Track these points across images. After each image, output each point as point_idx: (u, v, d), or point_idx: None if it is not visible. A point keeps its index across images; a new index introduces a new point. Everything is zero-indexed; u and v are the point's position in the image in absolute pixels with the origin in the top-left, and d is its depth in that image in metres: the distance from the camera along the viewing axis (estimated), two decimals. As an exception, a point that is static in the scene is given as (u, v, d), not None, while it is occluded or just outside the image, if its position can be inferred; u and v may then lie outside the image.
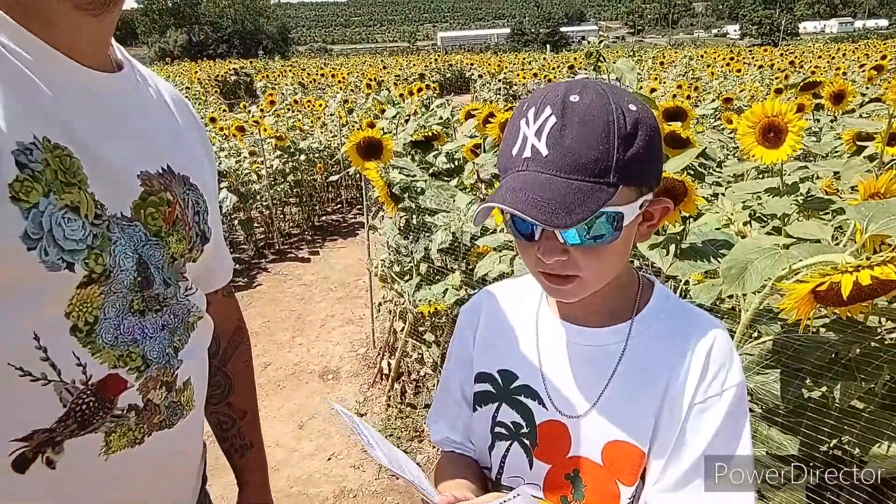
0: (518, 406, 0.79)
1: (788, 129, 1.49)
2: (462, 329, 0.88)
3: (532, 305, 0.83)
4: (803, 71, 9.77)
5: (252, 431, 1.03)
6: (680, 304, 0.78)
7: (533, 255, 0.67)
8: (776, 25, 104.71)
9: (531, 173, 0.62)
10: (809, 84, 3.75)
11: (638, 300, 0.76)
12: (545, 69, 16.76)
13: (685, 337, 0.72)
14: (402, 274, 2.81)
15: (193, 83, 17.21)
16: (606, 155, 0.60)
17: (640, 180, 0.64)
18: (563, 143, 0.60)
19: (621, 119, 0.61)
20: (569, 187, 0.60)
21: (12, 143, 0.53)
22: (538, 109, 0.63)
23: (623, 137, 0.60)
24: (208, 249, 0.80)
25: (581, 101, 0.61)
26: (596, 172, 0.60)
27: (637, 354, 0.73)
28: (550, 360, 0.78)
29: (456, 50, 62.62)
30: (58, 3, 0.58)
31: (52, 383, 0.58)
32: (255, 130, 5.97)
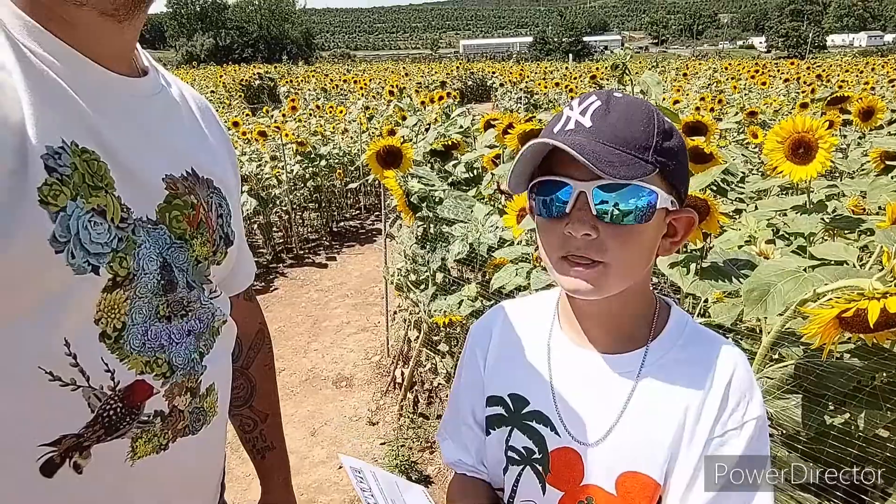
0: (530, 432, 0.77)
1: (819, 145, 1.46)
2: (472, 350, 0.87)
3: (544, 328, 0.81)
4: (830, 85, 9.61)
5: (274, 433, 1.04)
6: (698, 329, 0.76)
7: (558, 234, 0.66)
8: (803, 38, 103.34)
9: (575, 138, 0.62)
10: (837, 99, 3.67)
11: (654, 324, 0.73)
12: (567, 79, 16.72)
13: (704, 366, 0.70)
14: (417, 283, 2.80)
15: (218, 87, 17.47)
16: (647, 136, 0.62)
17: (672, 178, 0.66)
18: (606, 119, 0.63)
19: (661, 120, 0.64)
20: (611, 153, 0.61)
21: (42, 147, 0.54)
22: (582, 98, 0.66)
23: (662, 130, 0.64)
24: (232, 252, 0.81)
25: (624, 97, 0.65)
26: (637, 148, 0.62)
27: (653, 382, 0.71)
28: (563, 385, 0.75)
29: (478, 58, 62.80)
30: (83, 10, 0.59)
31: (81, 389, 0.59)
32: (276, 135, 6.03)
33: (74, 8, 0.59)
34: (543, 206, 0.67)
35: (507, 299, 0.93)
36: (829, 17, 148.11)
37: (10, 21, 0.56)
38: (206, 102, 0.87)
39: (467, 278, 2.74)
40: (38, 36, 0.58)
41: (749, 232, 1.84)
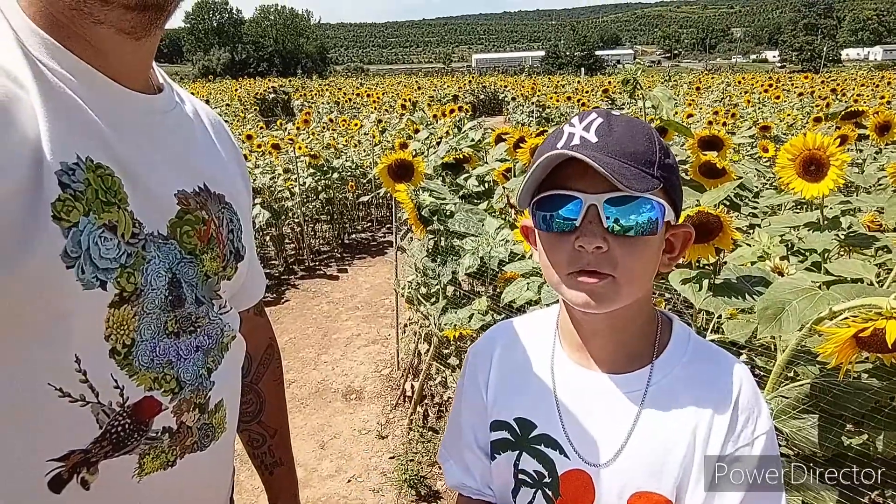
0: (539, 456, 0.76)
1: (830, 162, 1.45)
2: (472, 374, 0.85)
3: (546, 349, 0.80)
4: (846, 99, 9.54)
5: (282, 449, 1.03)
6: (701, 343, 0.76)
7: (567, 250, 0.66)
8: (817, 52, 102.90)
9: (583, 152, 0.62)
10: (852, 113, 3.63)
11: (657, 341, 0.73)
12: (579, 92, 16.75)
13: (710, 383, 0.71)
14: (428, 296, 2.80)
15: (234, 100, 17.70)
16: (651, 151, 0.64)
17: (673, 193, 0.68)
18: (611, 135, 0.63)
19: (658, 138, 0.66)
20: (622, 167, 0.61)
21: (56, 163, 0.54)
22: (583, 115, 0.66)
23: (661, 147, 0.65)
24: (242, 267, 0.81)
25: (623, 115, 0.67)
26: (643, 162, 0.63)
27: (660, 401, 0.70)
28: (569, 407, 0.75)
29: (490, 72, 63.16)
30: (101, 28, 0.60)
31: (90, 405, 0.59)
32: (290, 148, 6.09)
33: (92, 25, 0.60)
34: (550, 221, 0.66)
35: (514, 316, 0.92)
36: (844, 31, 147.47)
37: (29, 38, 0.57)
38: (219, 119, 0.88)
39: (478, 292, 2.74)
40: (55, 53, 0.58)
41: (762, 248, 1.82)
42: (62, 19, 0.59)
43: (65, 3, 0.58)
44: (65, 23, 0.59)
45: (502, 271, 2.24)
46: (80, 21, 0.59)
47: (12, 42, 0.56)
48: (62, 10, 0.59)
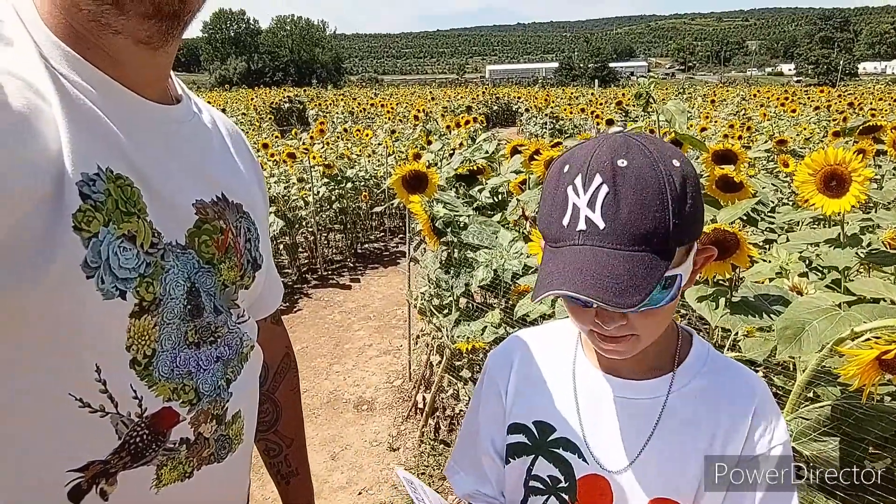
0: (556, 459, 0.76)
1: (852, 178, 1.43)
2: (492, 377, 0.86)
3: (567, 354, 0.81)
4: (863, 113, 9.45)
5: (298, 458, 1.03)
6: (720, 357, 0.77)
7: (588, 318, 0.66)
8: (834, 65, 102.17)
9: (590, 248, 0.60)
10: (870, 128, 3.59)
11: (678, 352, 0.75)
12: (593, 104, 16.75)
13: (729, 393, 0.73)
14: (441, 308, 2.79)
15: (249, 109, 17.91)
16: (663, 223, 0.59)
17: (691, 236, 0.64)
18: (619, 215, 0.59)
19: (672, 182, 0.60)
20: (631, 261, 0.59)
21: (78, 174, 0.55)
22: (586, 177, 0.61)
23: (676, 201, 0.60)
24: (260, 276, 0.81)
25: (630, 165, 0.60)
26: (655, 242, 0.60)
27: (680, 408, 0.72)
28: (590, 411, 0.76)
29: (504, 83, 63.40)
30: (119, 38, 0.61)
31: (109, 415, 0.60)
32: (304, 157, 6.14)
33: (111, 36, 0.61)
34: (570, 300, 0.67)
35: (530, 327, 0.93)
36: (861, 45, 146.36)
37: (51, 52, 0.59)
38: (237, 128, 0.89)
39: (490, 304, 2.73)
40: (76, 65, 0.60)
41: (780, 264, 1.80)
42: (82, 31, 0.60)
43: (84, 15, 0.59)
44: (84, 35, 0.60)
45: (516, 284, 2.23)
46: (98, 32, 0.60)
47: (35, 55, 0.58)
48: (82, 22, 0.60)
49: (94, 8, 0.58)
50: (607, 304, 0.58)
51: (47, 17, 0.60)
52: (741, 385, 0.73)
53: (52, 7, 0.60)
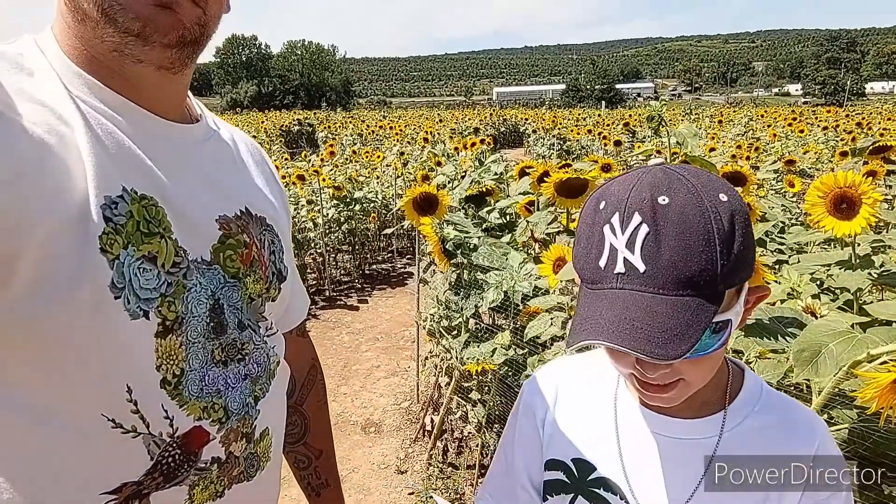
0: (597, 500, 0.72)
1: (862, 200, 1.43)
2: (529, 409, 0.81)
3: (609, 387, 0.76)
4: (872, 133, 9.44)
5: (328, 470, 1.03)
6: (775, 393, 0.72)
7: (628, 363, 0.62)
8: (841, 85, 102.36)
9: (629, 293, 0.55)
10: (880, 148, 3.58)
11: (729, 388, 0.69)
12: (600, 125, 16.83)
13: (787, 436, 0.67)
14: (450, 329, 2.79)
15: (260, 132, 18.13)
16: (711, 265, 0.54)
17: (742, 277, 0.58)
18: (661, 257, 0.54)
19: (719, 220, 0.55)
20: (675, 306, 0.54)
21: (101, 197, 0.56)
22: (624, 216, 0.56)
23: (724, 241, 0.54)
24: (285, 288, 0.82)
25: (672, 203, 0.55)
26: (701, 285, 0.54)
27: (733, 449, 0.67)
28: (633, 451, 0.71)
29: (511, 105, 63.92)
30: (140, 66, 0.63)
31: (142, 436, 0.60)
32: (314, 179, 6.19)
33: (132, 64, 0.63)
34: None
35: (538, 351, 0.91)
36: (868, 65, 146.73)
37: (72, 80, 0.61)
38: (256, 144, 0.90)
39: (500, 325, 2.72)
40: (96, 91, 0.62)
41: (791, 285, 1.78)
42: (103, 60, 0.62)
43: (106, 46, 0.61)
44: (105, 63, 0.62)
45: (526, 305, 2.23)
46: (121, 61, 0.62)
47: (56, 83, 0.59)
48: (103, 52, 0.62)
49: (117, 40, 0.60)
50: (650, 356, 0.53)
51: (68, 49, 0.63)
52: (800, 426, 0.68)
53: (73, 39, 0.63)
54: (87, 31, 0.61)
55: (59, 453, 0.57)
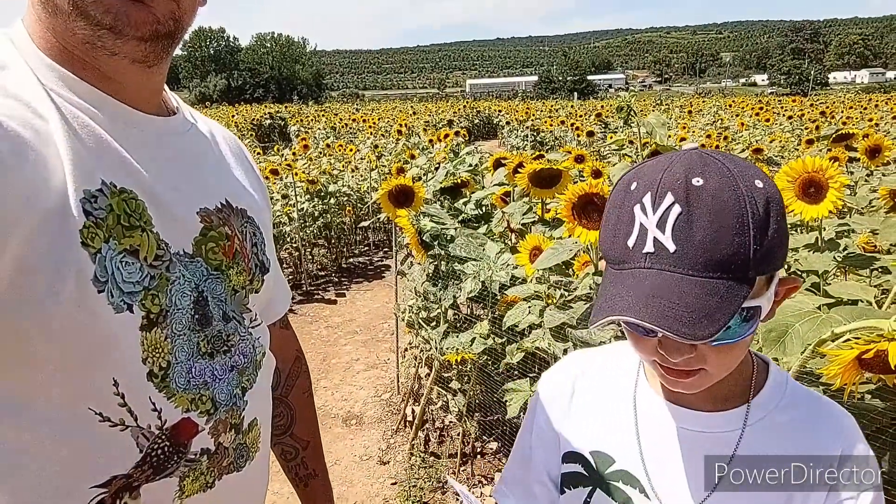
0: (616, 493, 0.71)
1: (829, 184, 1.48)
2: (547, 402, 0.80)
3: (629, 380, 0.74)
4: (835, 122, 9.70)
5: (315, 460, 1.04)
6: (800, 388, 0.70)
7: (651, 347, 0.61)
8: (805, 75, 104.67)
9: (658, 273, 0.54)
10: (842, 136, 3.70)
11: (754, 381, 0.68)
12: (573, 116, 16.96)
13: (814, 431, 0.66)
14: (429, 320, 2.80)
15: (230, 126, 17.82)
16: (743, 248, 0.53)
17: (774, 266, 0.57)
18: (692, 238, 0.53)
19: (754, 204, 0.54)
20: (704, 288, 0.53)
21: (80, 191, 0.56)
22: (656, 196, 0.55)
23: (758, 226, 0.53)
24: (268, 280, 0.83)
25: (706, 185, 0.54)
26: (732, 269, 0.53)
27: (756, 445, 0.65)
28: (653, 444, 0.69)
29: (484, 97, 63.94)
30: (115, 58, 0.63)
31: (130, 429, 0.60)
32: (287, 174, 6.13)
33: (106, 57, 0.62)
34: (630, 326, 0.61)
35: (515, 340, 0.91)
36: (831, 55, 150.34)
37: (45, 74, 0.60)
38: (234, 137, 0.90)
39: (478, 315, 2.74)
40: (71, 84, 0.61)
41: (761, 269, 1.84)
42: (77, 53, 0.62)
43: (79, 38, 0.60)
44: (79, 56, 0.62)
45: (503, 295, 2.26)
46: (94, 53, 0.62)
47: (30, 77, 0.59)
48: (76, 45, 0.61)
49: (89, 32, 0.60)
50: (676, 334, 0.52)
51: (41, 42, 0.62)
52: (827, 422, 0.66)
53: (44, 32, 0.62)
54: (59, 24, 0.60)
55: (47, 448, 0.57)
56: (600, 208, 1.45)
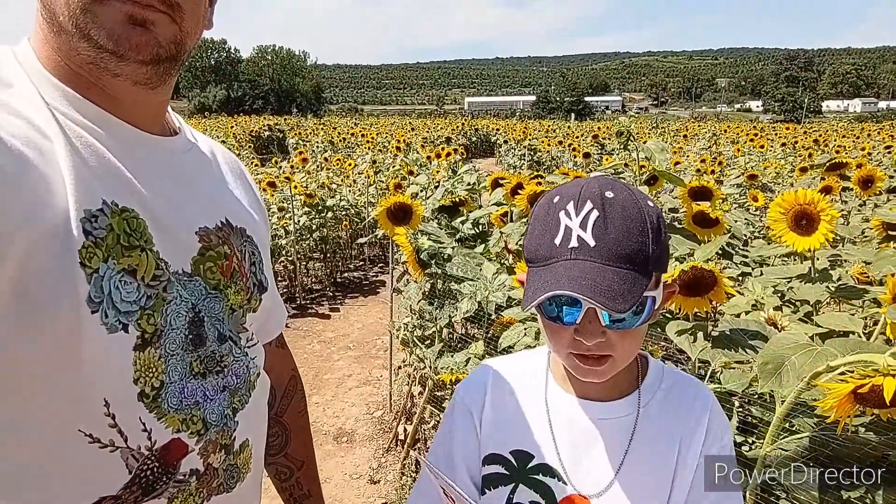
0: (537, 486, 0.79)
1: (821, 217, 1.50)
2: (464, 409, 0.87)
3: (538, 382, 0.84)
4: (828, 149, 9.83)
5: (310, 480, 1.03)
6: (673, 371, 0.84)
7: (567, 338, 0.71)
8: (799, 103, 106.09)
9: (583, 262, 0.67)
10: (835, 164, 3.74)
11: (640, 372, 0.81)
12: (570, 137, 17.09)
13: (688, 403, 0.80)
14: (423, 339, 2.80)
15: (229, 137, 17.87)
16: (645, 247, 0.67)
17: (663, 267, 0.72)
18: (608, 235, 0.67)
19: (650, 216, 0.69)
20: (617, 275, 0.66)
21: (81, 210, 0.56)
22: (578, 204, 0.69)
23: (654, 232, 0.68)
24: (266, 299, 0.83)
25: (616, 197, 0.68)
26: (637, 262, 0.67)
27: (648, 423, 0.78)
28: (565, 436, 0.79)
29: (482, 115, 64.41)
30: (118, 80, 0.64)
31: (119, 450, 0.60)
32: (285, 186, 6.14)
33: (110, 78, 0.63)
34: (551, 316, 0.71)
35: None
36: (824, 84, 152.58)
37: (50, 92, 0.61)
38: (234, 156, 0.91)
39: (473, 335, 2.74)
40: (75, 103, 0.62)
41: (755, 297, 1.86)
42: (81, 72, 0.63)
43: (82, 58, 0.62)
44: (83, 75, 0.63)
45: (499, 315, 2.26)
46: (97, 74, 0.63)
47: (35, 95, 0.60)
48: (80, 64, 0.62)
49: (92, 54, 0.61)
50: (603, 306, 0.64)
51: (46, 60, 0.63)
52: (697, 394, 0.81)
53: (49, 51, 0.63)
54: (64, 44, 0.62)
55: (35, 469, 0.57)
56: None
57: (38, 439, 0.56)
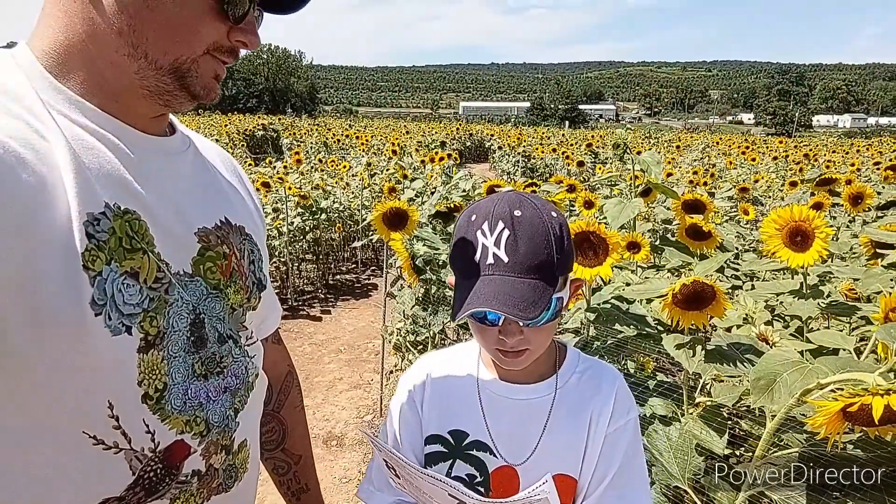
0: (471, 460, 0.89)
1: (816, 234, 1.52)
2: (409, 398, 0.97)
3: (471, 370, 0.95)
4: (818, 164, 9.94)
5: (307, 474, 1.05)
6: (587, 358, 0.95)
7: (493, 337, 0.82)
8: (790, 117, 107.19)
9: (499, 277, 0.77)
10: (825, 180, 3.78)
11: (557, 359, 0.92)
12: (564, 145, 17.18)
13: (598, 384, 0.91)
14: (416, 344, 2.81)
15: (222, 136, 17.77)
16: (550, 257, 0.77)
17: (568, 268, 0.82)
18: (518, 251, 0.76)
19: (554, 227, 0.78)
20: (528, 285, 0.76)
21: (84, 214, 0.57)
22: (492, 224, 0.78)
23: (557, 241, 0.78)
24: (265, 297, 0.84)
25: (524, 215, 0.78)
26: (544, 271, 0.77)
27: (564, 401, 0.89)
28: (495, 415, 0.90)
29: (477, 120, 64.56)
30: (141, 100, 0.66)
31: (123, 451, 0.61)
32: (279, 187, 6.13)
33: (145, 98, 0.65)
34: (479, 318, 0.82)
35: None
36: (815, 99, 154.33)
37: (52, 95, 0.61)
38: (228, 155, 0.92)
39: (466, 339, 2.75)
40: (78, 106, 0.62)
41: (747, 311, 1.88)
42: (112, 83, 0.64)
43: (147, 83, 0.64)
44: (110, 85, 0.64)
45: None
46: (141, 92, 0.65)
47: (34, 98, 0.59)
48: (130, 83, 0.64)
49: (169, 88, 0.65)
50: (516, 317, 0.73)
51: (51, 64, 0.62)
52: (607, 376, 0.92)
53: (76, 60, 0.62)
54: (132, 66, 0.63)
55: (39, 471, 0.57)
56: (596, 245, 1.49)
57: (43, 441, 0.57)
